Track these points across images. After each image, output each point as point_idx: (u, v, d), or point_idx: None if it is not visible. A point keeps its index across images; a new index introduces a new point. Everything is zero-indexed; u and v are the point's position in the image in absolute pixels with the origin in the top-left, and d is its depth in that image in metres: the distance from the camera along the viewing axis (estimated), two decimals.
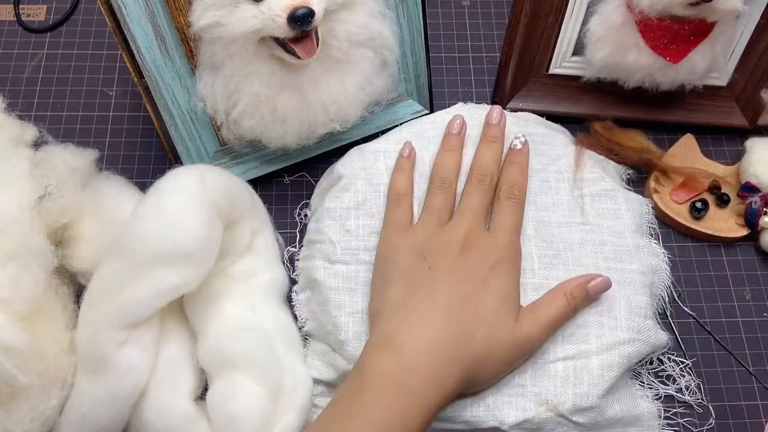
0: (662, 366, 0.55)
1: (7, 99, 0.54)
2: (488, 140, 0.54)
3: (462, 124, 0.55)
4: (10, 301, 0.43)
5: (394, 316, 0.47)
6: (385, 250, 0.51)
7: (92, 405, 0.46)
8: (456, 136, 0.55)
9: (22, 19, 0.69)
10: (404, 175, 0.54)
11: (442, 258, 0.48)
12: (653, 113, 0.64)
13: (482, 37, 0.69)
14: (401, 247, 0.50)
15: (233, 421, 0.47)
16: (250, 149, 0.60)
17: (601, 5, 0.57)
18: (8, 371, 0.42)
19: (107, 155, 0.63)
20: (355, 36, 0.53)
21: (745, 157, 0.60)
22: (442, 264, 0.48)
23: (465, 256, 0.48)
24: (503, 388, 0.48)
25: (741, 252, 0.60)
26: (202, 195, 0.48)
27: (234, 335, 0.50)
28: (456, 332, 0.45)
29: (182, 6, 0.52)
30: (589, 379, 0.48)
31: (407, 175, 0.54)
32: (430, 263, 0.48)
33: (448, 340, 0.45)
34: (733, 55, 0.61)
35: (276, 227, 0.58)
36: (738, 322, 0.58)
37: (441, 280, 0.47)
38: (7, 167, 0.48)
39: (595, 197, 0.55)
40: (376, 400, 0.42)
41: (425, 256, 0.49)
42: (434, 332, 0.45)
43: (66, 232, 0.51)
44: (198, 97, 0.55)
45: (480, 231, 0.50)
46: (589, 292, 0.49)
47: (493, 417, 0.48)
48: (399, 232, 0.51)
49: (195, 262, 0.48)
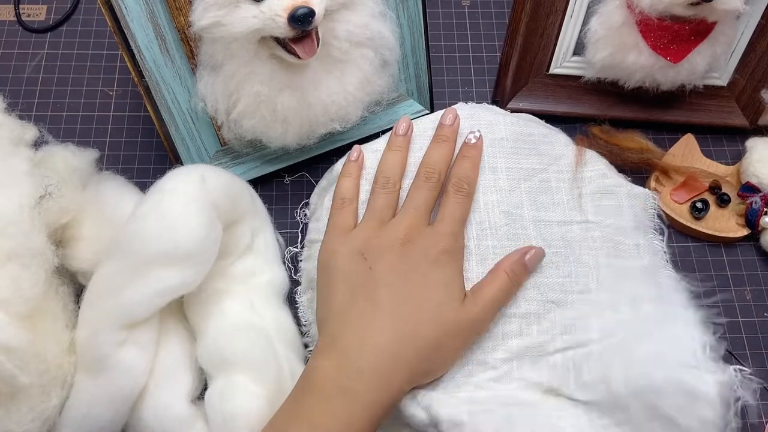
0: None
1: (7, 99, 0.54)
2: (439, 140, 0.54)
3: (408, 125, 0.55)
4: (10, 301, 0.43)
5: (338, 321, 0.47)
6: (325, 257, 0.51)
7: (92, 405, 0.46)
8: (402, 137, 0.54)
9: (22, 19, 0.69)
10: (350, 180, 0.54)
11: (383, 257, 0.48)
12: (653, 113, 0.64)
13: (482, 37, 0.69)
14: (341, 251, 0.50)
15: (231, 421, 0.47)
16: (251, 149, 0.60)
17: (601, 5, 0.57)
18: (8, 371, 0.42)
19: (107, 155, 0.63)
20: (355, 36, 0.53)
21: (746, 157, 0.60)
22: (382, 263, 0.48)
23: (405, 252, 0.48)
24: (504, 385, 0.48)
25: (741, 252, 0.60)
26: (202, 195, 0.48)
27: (233, 335, 0.50)
28: (400, 331, 0.45)
29: (183, 6, 0.52)
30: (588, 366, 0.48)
31: (353, 180, 0.54)
32: (371, 263, 0.48)
33: (392, 339, 0.45)
34: (733, 55, 0.61)
35: (276, 227, 0.58)
36: (738, 322, 0.58)
37: (382, 280, 0.47)
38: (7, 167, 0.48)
39: (596, 195, 0.55)
40: (320, 405, 0.43)
41: (366, 257, 0.48)
42: (377, 333, 0.45)
43: (66, 232, 0.51)
44: (198, 97, 0.55)
45: (421, 227, 0.50)
46: (527, 264, 0.50)
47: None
48: (340, 236, 0.51)
49: (195, 262, 0.48)
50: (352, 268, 0.48)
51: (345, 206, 0.52)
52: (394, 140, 0.55)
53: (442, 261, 0.48)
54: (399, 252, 0.48)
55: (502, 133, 0.56)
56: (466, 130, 0.56)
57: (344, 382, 0.43)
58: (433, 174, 0.52)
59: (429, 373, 0.47)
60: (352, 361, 0.44)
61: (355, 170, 0.54)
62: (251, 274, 0.54)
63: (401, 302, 0.46)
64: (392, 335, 0.45)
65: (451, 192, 0.51)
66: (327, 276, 0.50)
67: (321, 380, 0.44)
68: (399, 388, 0.45)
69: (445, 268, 0.48)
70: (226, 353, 0.49)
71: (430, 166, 0.52)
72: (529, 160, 0.56)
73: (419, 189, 0.52)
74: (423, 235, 0.49)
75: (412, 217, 0.50)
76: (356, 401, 0.43)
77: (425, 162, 0.53)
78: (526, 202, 0.54)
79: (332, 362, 0.45)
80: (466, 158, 0.53)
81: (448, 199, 0.51)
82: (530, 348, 0.50)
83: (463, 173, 0.52)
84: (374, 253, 0.48)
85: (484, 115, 0.57)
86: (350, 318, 0.46)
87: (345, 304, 0.47)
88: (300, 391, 0.45)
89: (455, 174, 0.52)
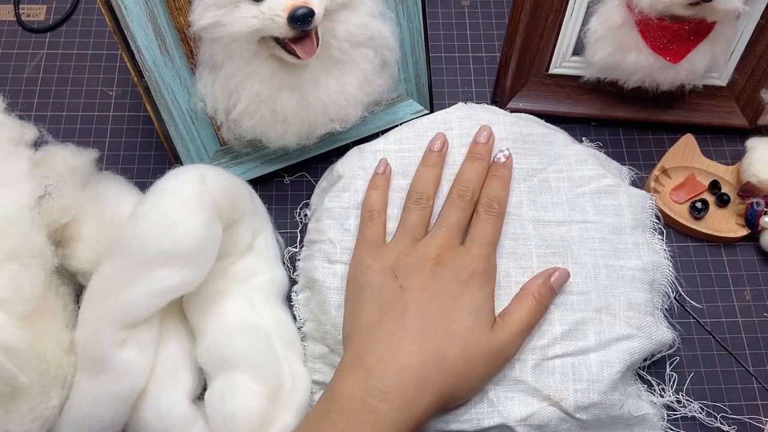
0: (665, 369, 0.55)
1: (7, 99, 0.54)
2: (473, 157, 0.54)
3: (444, 142, 0.55)
4: (10, 301, 0.43)
5: (365, 339, 0.46)
6: (356, 271, 0.50)
7: (92, 405, 0.46)
8: (437, 153, 0.54)
9: (22, 19, 0.69)
10: (378, 192, 0.54)
11: (414, 276, 0.48)
12: (653, 113, 0.64)
13: (482, 37, 0.69)
14: (372, 267, 0.49)
15: (231, 421, 0.47)
16: (250, 149, 0.60)
17: (601, 5, 0.57)
18: (8, 371, 0.42)
19: (107, 155, 0.63)
20: (355, 36, 0.53)
21: (746, 157, 0.60)
22: (413, 282, 0.47)
23: (437, 272, 0.48)
24: (505, 384, 0.49)
25: (741, 252, 0.60)
26: (202, 195, 0.48)
27: (233, 335, 0.50)
28: (427, 352, 0.45)
29: (182, 6, 0.52)
30: (588, 375, 0.48)
31: (382, 192, 0.54)
32: (401, 282, 0.48)
33: (420, 361, 0.44)
34: (733, 55, 0.61)
35: (276, 227, 0.58)
36: (738, 322, 0.58)
37: (412, 300, 0.47)
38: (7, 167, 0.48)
39: (596, 195, 0.55)
40: (344, 424, 0.42)
41: (397, 274, 0.48)
42: (404, 354, 0.44)
43: (66, 232, 0.51)
44: (198, 97, 0.55)
45: (454, 247, 0.49)
46: (553, 286, 0.50)
47: (497, 413, 0.48)
48: (371, 251, 0.50)
49: (195, 262, 0.48)
50: (382, 286, 0.48)
51: (374, 218, 0.52)
52: (428, 156, 0.54)
53: (474, 284, 0.48)
54: (431, 272, 0.48)
55: (501, 133, 0.56)
56: (465, 131, 0.56)
57: (369, 401, 0.43)
58: (466, 192, 0.51)
59: (456, 397, 0.46)
60: (377, 381, 0.43)
61: (383, 182, 0.54)
62: (251, 274, 0.54)
63: (430, 324, 0.46)
64: (419, 357, 0.44)
65: (482, 212, 0.51)
66: (356, 292, 0.49)
67: (345, 398, 0.43)
68: (425, 411, 0.44)
69: (476, 291, 0.47)
70: (226, 353, 0.49)
71: (464, 184, 0.52)
72: (529, 160, 0.56)
73: (452, 207, 0.51)
74: (455, 256, 0.49)
75: (444, 236, 0.49)
76: (380, 421, 0.42)
77: (459, 180, 0.53)
78: (526, 202, 0.54)
79: (357, 380, 0.44)
80: (497, 178, 0.53)
81: (479, 220, 0.51)
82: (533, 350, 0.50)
83: (494, 193, 0.52)
84: (405, 272, 0.48)
85: (484, 115, 0.57)
86: (377, 336, 0.46)
87: (373, 322, 0.47)
88: (324, 408, 0.44)
89: (486, 194, 0.52)
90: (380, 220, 0.52)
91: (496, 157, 0.54)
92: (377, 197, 0.53)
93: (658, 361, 0.55)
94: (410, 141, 0.56)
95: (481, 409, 0.48)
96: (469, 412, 0.48)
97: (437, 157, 0.54)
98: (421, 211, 0.52)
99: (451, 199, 0.52)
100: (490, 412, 0.48)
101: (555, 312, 0.51)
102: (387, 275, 0.48)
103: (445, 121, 0.57)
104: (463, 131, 0.56)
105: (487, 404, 0.48)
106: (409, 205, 0.52)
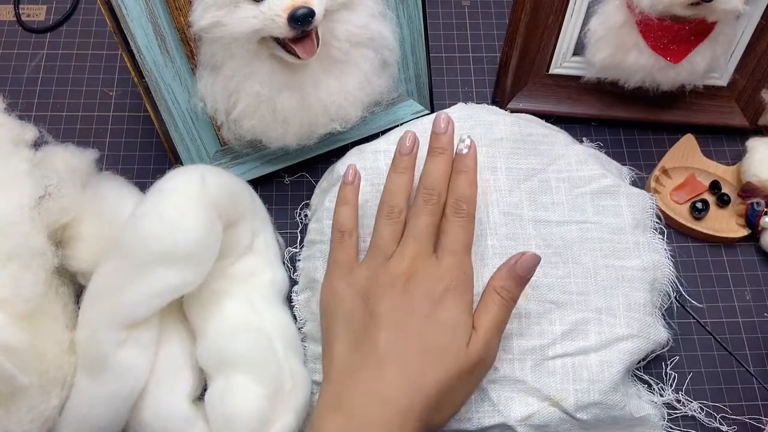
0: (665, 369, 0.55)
1: (7, 99, 0.54)
2: (435, 152, 0.49)
3: (414, 141, 0.50)
4: (10, 302, 0.43)
5: (342, 373, 0.45)
6: (327, 299, 0.49)
7: (92, 405, 0.46)
8: (407, 157, 0.50)
9: (22, 19, 0.69)
10: (348, 208, 0.50)
11: (385, 298, 0.45)
12: (653, 113, 0.64)
13: (482, 37, 0.69)
14: (343, 293, 0.47)
15: (231, 421, 0.47)
16: (251, 149, 0.60)
17: (601, 5, 0.57)
18: (8, 371, 0.42)
19: (107, 155, 0.63)
20: (355, 36, 0.53)
21: (746, 157, 0.60)
22: (384, 305, 0.45)
23: (408, 290, 0.45)
24: (505, 384, 0.49)
25: (741, 252, 0.60)
26: (202, 195, 0.48)
27: (233, 335, 0.50)
28: (405, 378, 0.43)
29: (182, 6, 0.52)
30: (589, 375, 0.48)
31: (351, 208, 0.50)
32: (373, 305, 0.46)
33: (399, 388, 0.42)
34: (733, 55, 0.61)
35: (276, 227, 0.58)
36: (738, 322, 0.58)
37: (385, 324, 0.45)
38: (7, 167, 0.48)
39: (596, 195, 0.55)
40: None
41: (369, 297, 0.46)
42: (383, 386, 0.43)
43: (66, 232, 0.51)
44: (198, 97, 0.55)
45: (425, 258, 0.47)
46: (519, 273, 0.46)
47: (498, 413, 0.48)
48: (342, 275, 0.48)
49: (195, 262, 0.48)
50: (353, 313, 0.46)
51: (345, 240, 0.50)
52: (398, 161, 0.50)
53: (449, 299, 0.45)
54: (402, 291, 0.46)
55: (501, 133, 0.56)
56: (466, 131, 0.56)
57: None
58: (432, 196, 0.48)
59: (441, 416, 0.45)
60: (358, 416, 0.42)
61: (353, 195, 0.51)
62: (251, 274, 0.54)
63: (405, 347, 0.44)
64: (399, 386, 0.43)
65: (451, 216, 0.48)
66: (329, 320, 0.48)
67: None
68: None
69: (451, 306, 0.45)
70: (226, 353, 0.49)
71: (427, 187, 0.48)
72: (529, 160, 0.56)
73: (419, 214, 0.48)
74: (427, 269, 0.46)
75: (413, 248, 0.47)
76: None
77: (423, 182, 0.49)
78: (526, 202, 0.54)
79: (337, 418, 0.42)
80: (462, 173, 0.49)
81: (448, 225, 0.48)
82: (534, 350, 0.50)
83: (461, 191, 0.48)
84: (377, 294, 0.46)
85: (484, 115, 0.57)
86: (354, 370, 0.44)
87: (348, 354, 0.45)
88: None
89: (453, 194, 0.48)
90: (351, 241, 0.50)
91: (458, 148, 0.50)
92: (347, 214, 0.50)
93: (657, 361, 0.55)
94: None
95: (482, 408, 0.48)
96: (469, 411, 0.48)
97: (408, 161, 0.50)
98: (392, 226, 0.48)
99: (417, 205, 0.48)
100: (490, 411, 0.48)
101: (555, 312, 0.51)
102: (358, 300, 0.46)
103: None
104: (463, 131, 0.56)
105: (487, 404, 0.48)
106: (380, 219, 0.49)
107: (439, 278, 0.46)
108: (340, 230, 0.50)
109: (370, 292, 0.46)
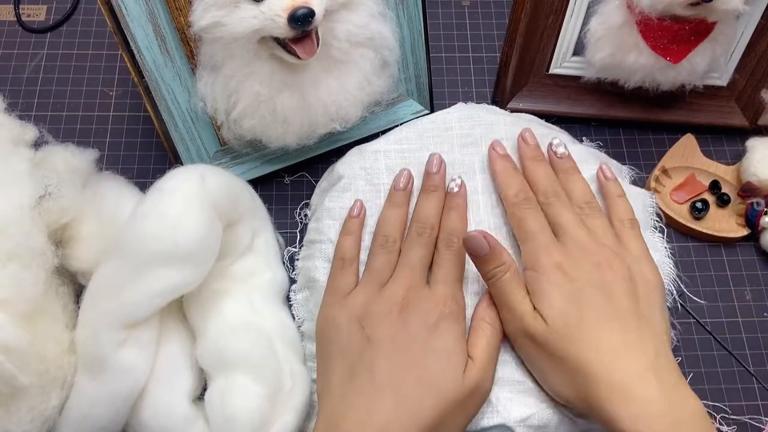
0: None
1: (7, 99, 0.54)
2: (427, 190, 0.53)
3: (409, 179, 0.54)
4: (10, 301, 0.43)
5: (337, 401, 0.45)
6: (323, 325, 0.49)
7: (92, 405, 0.46)
8: (402, 192, 0.53)
9: (22, 19, 0.69)
10: (351, 238, 0.52)
11: (381, 325, 0.46)
12: (653, 113, 0.64)
13: (482, 37, 0.69)
14: (338, 319, 0.48)
15: (231, 421, 0.47)
16: (251, 149, 0.60)
17: (601, 5, 0.57)
18: (8, 371, 0.42)
19: (107, 155, 0.63)
20: (355, 36, 0.53)
21: (746, 157, 0.60)
22: (380, 332, 0.46)
23: (404, 319, 0.46)
24: (504, 385, 0.49)
25: (741, 252, 0.60)
26: (202, 195, 0.48)
27: (233, 335, 0.50)
28: (403, 408, 0.43)
29: (183, 6, 0.52)
30: None
31: (354, 239, 0.52)
32: (368, 332, 0.46)
33: (395, 417, 0.42)
34: (733, 55, 0.61)
35: (276, 227, 0.58)
36: (738, 322, 0.58)
37: (380, 351, 0.45)
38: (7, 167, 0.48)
39: (596, 194, 0.55)
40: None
41: (364, 324, 0.47)
42: (378, 415, 0.43)
43: (66, 232, 0.51)
44: (198, 97, 0.55)
45: (419, 288, 0.48)
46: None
47: (497, 413, 0.48)
48: (338, 301, 0.49)
49: (195, 262, 0.48)
50: (349, 340, 0.47)
51: (345, 267, 0.51)
52: (393, 196, 0.53)
53: (443, 327, 0.46)
54: (397, 319, 0.46)
55: (502, 133, 0.56)
56: (466, 131, 0.56)
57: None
58: (425, 228, 0.51)
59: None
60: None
61: (356, 227, 0.53)
62: (251, 274, 0.54)
63: (401, 375, 0.44)
64: (395, 415, 0.43)
65: (443, 249, 0.50)
66: (325, 347, 0.49)
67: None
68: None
69: (446, 334, 0.46)
70: (226, 353, 0.49)
71: (421, 221, 0.51)
72: None
73: (413, 246, 0.50)
74: (421, 298, 0.47)
75: (408, 277, 0.48)
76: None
77: (416, 217, 0.52)
78: None
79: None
80: (453, 210, 0.52)
81: (440, 257, 0.50)
82: None
83: (452, 226, 0.51)
84: (372, 321, 0.47)
85: (484, 115, 0.57)
86: (350, 399, 0.44)
87: (343, 381, 0.45)
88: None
89: (443, 229, 0.51)
90: (352, 269, 0.51)
91: (449, 187, 0.53)
92: (350, 244, 0.52)
93: None
94: (410, 141, 0.56)
95: (482, 408, 0.48)
96: None
97: (403, 197, 0.53)
98: (387, 255, 0.50)
99: (411, 237, 0.51)
100: (490, 412, 0.48)
101: None
102: (354, 327, 0.47)
103: (445, 121, 0.57)
104: (463, 131, 0.56)
105: (487, 404, 0.48)
106: (375, 249, 0.51)
107: (433, 307, 0.47)
108: (340, 258, 0.52)
109: (365, 319, 0.47)
